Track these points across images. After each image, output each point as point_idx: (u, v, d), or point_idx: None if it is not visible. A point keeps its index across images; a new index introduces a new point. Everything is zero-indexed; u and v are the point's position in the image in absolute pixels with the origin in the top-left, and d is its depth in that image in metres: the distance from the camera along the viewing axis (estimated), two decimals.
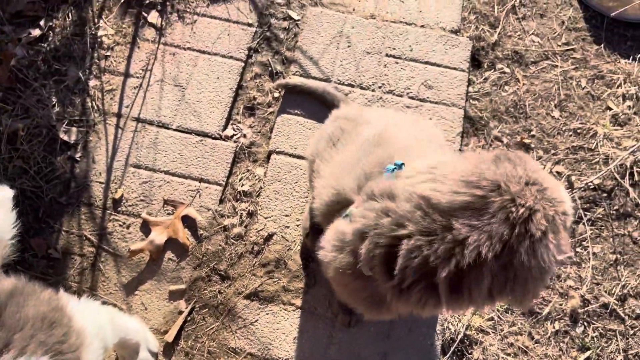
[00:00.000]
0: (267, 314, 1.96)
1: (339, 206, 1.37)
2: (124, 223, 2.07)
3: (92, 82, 2.28)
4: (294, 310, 1.97)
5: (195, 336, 1.93)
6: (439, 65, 2.43)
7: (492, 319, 2.04)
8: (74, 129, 2.18)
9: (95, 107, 2.23)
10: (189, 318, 1.95)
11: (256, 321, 1.95)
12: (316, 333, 1.94)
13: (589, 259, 2.16)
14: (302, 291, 2.00)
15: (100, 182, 2.12)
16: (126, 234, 2.05)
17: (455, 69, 2.43)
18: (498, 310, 2.06)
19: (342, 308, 1.92)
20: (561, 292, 2.11)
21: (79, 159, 2.15)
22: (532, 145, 2.36)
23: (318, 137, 1.68)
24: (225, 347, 1.92)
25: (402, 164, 1.18)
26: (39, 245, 1.99)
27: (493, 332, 2.02)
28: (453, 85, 2.40)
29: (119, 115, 2.23)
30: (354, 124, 1.57)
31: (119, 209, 2.09)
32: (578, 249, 2.18)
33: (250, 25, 2.46)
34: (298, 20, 2.50)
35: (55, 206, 2.07)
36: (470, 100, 2.42)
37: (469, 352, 1.98)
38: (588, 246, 2.17)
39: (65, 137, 2.15)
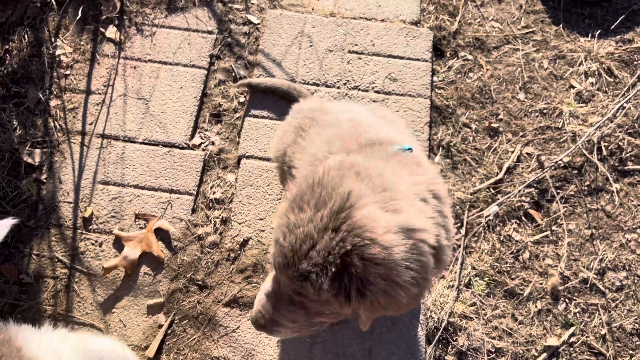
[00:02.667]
0: (249, 319, 1.94)
1: None
2: (96, 241, 2.03)
3: (53, 102, 2.24)
4: None
5: (177, 349, 1.89)
6: (401, 58, 2.44)
7: (474, 304, 2.04)
8: (38, 151, 2.14)
9: (58, 127, 2.20)
10: (169, 331, 1.92)
11: (238, 328, 1.93)
12: (298, 336, 1.92)
13: (565, 236, 2.17)
14: None
15: (69, 202, 2.08)
16: (99, 252, 2.02)
17: (418, 60, 2.44)
18: (480, 295, 2.06)
19: None
20: (540, 271, 2.12)
21: (45, 180, 2.11)
22: (501, 129, 2.38)
23: (283, 132, 1.68)
24: (209, 357, 1.89)
25: (410, 148, 1.20)
26: (9, 271, 1.95)
27: (476, 317, 2.02)
28: (417, 76, 2.41)
29: (83, 133, 2.20)
30: (322, 112, 1.58)
31: (90, 227, 2.05)
32: (553, 227, 2.19)
33: (210, 32, 2.45)
34: (258, 24, 2.50)
35: (24, 230, 2.03)
36: (436, 90, 2.43)
37: (454, 338, 1.98)
38: (562, 223, 2.19)
39: (29, 160, 2.12)
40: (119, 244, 2.03)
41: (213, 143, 2.24)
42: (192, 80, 2.33)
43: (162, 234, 2.05)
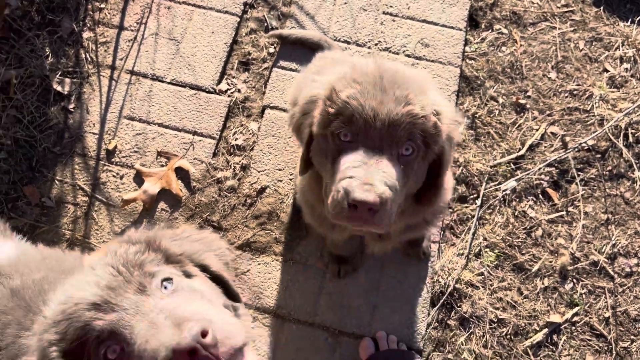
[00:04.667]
0: (259, 264, 1.98)
1: None
2: (118, 174, 2.07)
3: (86, 34, 2.26)
4: (285, 261, 1.99)
5: None
6: (436, 24, 2.41)
7: (482, 274, 2.06)
8: (68, 80, 2.17)
9: (89, 59, 2.22)
10: None
11: (248, 271, 1.97)
12: (307, 283, 1.96)
13: (580, 218, 2.17)
14: (294, 243, 2.02)
15: (94, 133, 2.12)
16: (119, 184, 2.06)
17: (452, 27, 2.41)
18: (488, 266, 2.08)
19: (332, 258, 1.94)
20: (551, 250, 2.12)
21: (72, 109, 2.14)
22: (528, 106, 2.36)
23: (302, 77, 1.69)
24: None
25: None
26: (32, 193, 2.00)
27: (482, 287, 2.04)
28: (450, 44, 2.38)
29: (112, 68, 2.22)
30: (343, 63, 1.58)
31: (113, 160, 2.09)
32: (570, 208, 2.19)
33: None
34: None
35: (49, 156, 2.07)
36: (467, 60, 2.41)
37: (458, 304, 2.00)
38: (579, 205, 2.18)
39: (59, 88, 2.15)
40: (139, 178, 2.07)
41: (239, 90, 2.25)
42: (224, 26, 2.33)
43: (182, 174, 2.08)
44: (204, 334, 0.80)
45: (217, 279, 1.06)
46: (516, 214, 2.17)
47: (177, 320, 0.82)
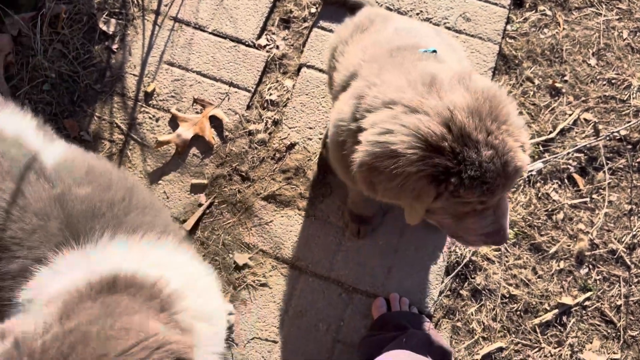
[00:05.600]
0: (282, 216, 2.04)
1: None
2: (154, 116, 2.14)
3: None
4: (307, 217, 2.04)
5: (212, 228, 2.01)
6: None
7: (499, 250, 2.09)
8: (113, 21, 2.22)
9: (135, 2, 2.26)
10: (207, 211, 2.03)
11: (271, 222, 2.03)
12: (326, 240, 2.02)
13: (604, 206, 2.17)
14: (318, 200, 2.07)
15: (134, 75, 2.18)
16: (155, 126, 2.12)
17: (496, 4, 2.39)
18: (506, 243, 2.10)
19: (352, 218, 1.99)
20: (571, 234, 2.14)
21: (115, 50, 2.20)
22: (564, 90, 2.34)
23: (343, 26, 1.70)
24: (240, 241, 2.00)
25: (435, 50, 1.21)
26: (71, 126, 2.07)
27: (498, 262, 2.07)
28: (491, 21, 2.37)
29: (157, 13, 2.26)
30: (382, 19, 1.60)
31: (150, 102, 2.15)
32: (594, 195, 2.19)
33: None
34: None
35: (90, 92, 2.14)
36: (507, 38, 2.39)
37: (472, 276, 2.04)
38: (604, 194, 2.18)
39: (105, 28, 2.20)
40: (174, 123, 2.12)
41: (277, 47, 2.28)
42: None
43: (215, 122, 2.13)
44: None
45: None
46: (539, 195, 2.19)
47: None
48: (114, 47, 2.20)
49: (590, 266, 2.10)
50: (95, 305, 0.96)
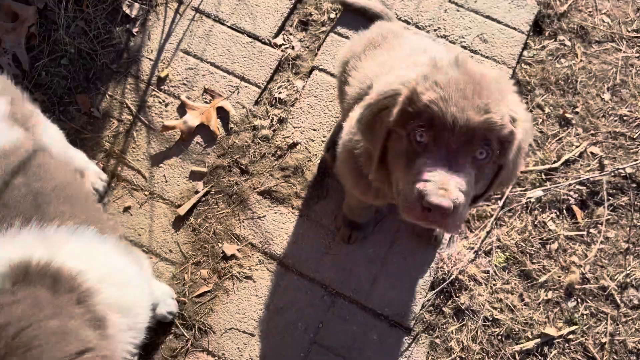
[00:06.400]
0: (276, 213, 2.06)
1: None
2: (164, 101, 2.18)
3: None
4: (300, 216, 2.06)
5: (205, 216, 2.05)
6: (499, 22, 2.40)
7: (487, 272, 2.08)
8: (137, 5, 2.29)
9: None
10: (203, 199, 2.07)
11: (264, 217, 2.05)
12: (316, 241, 2.03)
13: (600, 241, 2.15)
14: (313, 201, 2.09)
15: (150, 59, 2.23)
16: (163, 111, 2.17)
17: (514, 29, 2.40)
18: (496, 266, 2.09)
19: (345, 222, 2.00)
20: (563, 265, 2.12)
21: (135, 33, 2.26)
22: (573, 122, 2.33)
23: (355, 40, 1.73)
24: (230, 232, 2.03)
25: None
26: (83, 101, 2.13)
27: (485, 284, 2.06)
28: (508, 45, 2.37)
29: (180, 2, 2.32)
30: (396, 36, 1.62)
31: (162, 87, 2.20)
32: (591, 230, 2.17)
33: None
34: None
35: (106, 71, 2.20)
36: (522, 64, 2.39)
37: (457, 295, 2.03)
38: (602, 229, 2.16)
39: (128, 11, 2.26)
40: (182, 110, 2.17)
41: (293, 48, 2.31)
42: None
43: (222, 114, 2.17)
44: None
45: None
46: (536, 223, 2.17)
47: None
48: (135, 30, 2.26)
49: (579, 300, 2.08)
50: (20, 301, 0.98)
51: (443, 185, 1.10)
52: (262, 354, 1.90)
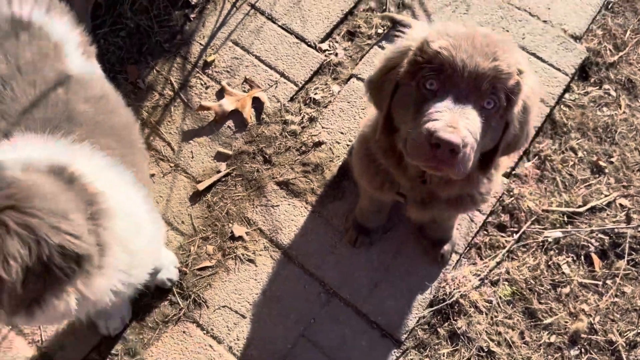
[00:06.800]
0: (289, 204, 2.10)
1: None
2: (205, 84, 2.30)
3: None
4: (313, 212, 2.09)
5: (222, 195, 2.11)
6: (544, 61, 2.41)
7: (490, 302, 2.04)
8: None
9: None
10: (223, 179, 2.14)
11: (277, 206, 2.10)
12: (323, 238, 2.05)
13: (615, 294, 2.07)
14: (327, 200, 2.12)
15: (200, 44, 2.36)
16: (203, 92, 2.28)
17: (559, 70, 2.39)
18: (500, 297, 2.04)
19: (354, 225, 2.02)
20: (572, 312, 2.04)
21: (192, 19, 2.40)
22: (606, 171, 2.28)
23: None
24: (243, 214, 2.08)
25: None
26: (132, 72, 2.27)
27: (486, 314, 2.02)
28: (550, 84, 2.37)
29: None
30: None
31: (206, 71, 2.32)
32: (607, 281, 2.10)
33: None
34: None
35: (158, 48, 2.34)
36: (562, 105, 2.37)
37: (455, 318, 1.99)
38: (619, 282, 2.08)
39: None
40: (221, 94, 2.27)
41: (336, 54, 2.39)
42: None
43: (257, 104, 2.26)
44: None
45: None
46: (550, 263, 2.12)
47: None
48: (192, 16, 2.40)
49: (583, 350, 2.00)
50: (45, 181, 1.07)
51: (452, 124, 1.14)
52: (250, 337, 1.92)
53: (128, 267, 1.33)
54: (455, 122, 1.15)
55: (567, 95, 2.40)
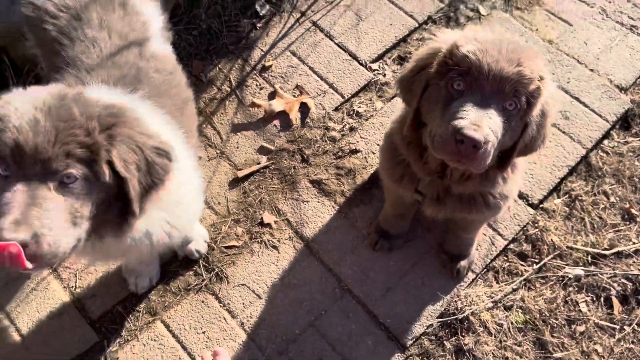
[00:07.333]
0: (318, 202, 2.22)
1: None
2: (260, 85, 2.50)
3: None
4: (339, 212, 2.20)
5: (258, 185, 2.27)
6: (586, 106, 2.47)
7: (501, 325, 2.05)
8: (267, 7, 2.68)
9: (292, 1, 2.71)
10: (261, 171, 2.30)
11: (307, 202, 2.22)
12: (346, 238, 2.15)
13: (631, 340, 2.04)
14: (355, 203, 2.23)
15: (262, 50, 2.58)
16: (256, 92, 2.48)
17: (600, 115, 2.44)
18: (512, 323, 2.05)
19: (377, 229, 2.11)
20: (584, 350, 2.02)
21: (258, 27, 2.64)
22: (638, 219, 2.28)
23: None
24: (274, 204, 2.22)
25: None
26: (197, 66, 2.51)
27: (495, 336, 2.03)
28: (589, 128, 2.42)
29: (302, 14, 2.68)
30: None
31: (263, 74, 2.52)
32: (625, 326, 2.07)
33: (441, 1, 2.75)
34: (484, 15, 2.73)
35: (223, 49, 2.58)
36: (599, 151, 2.41)
37: (462, 334, 2.01)
38: (637, 329, 2.05)
39: (258, 9, 2.66)
40: (272, 97, 2.46)
41: (384, 75, 2.55)
42: (402, 25, 2.66)
43: (303, 109, 2.43)
44: (27, 244, 1.08)
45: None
46: (567, 299, 2.12)
47: (23, 220, 1.08)
48: (258, 25, 2.64)
49: None
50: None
51: (476, 122, 1.26)
52: (262, 317, 2.01)
53: (175, 211, 1.51)
54: (479, 121, 1.27)
55: (605, 142, 2.44)
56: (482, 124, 1.27)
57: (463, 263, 2.06)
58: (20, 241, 1.08)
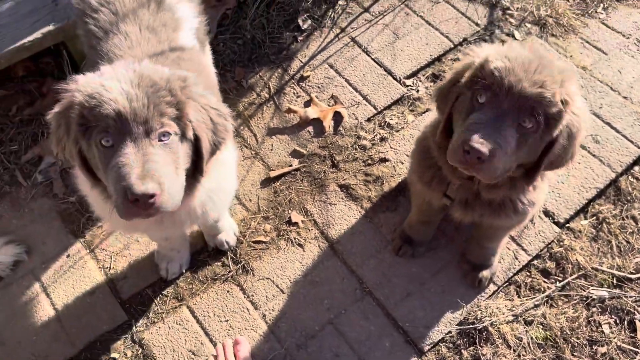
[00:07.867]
0: (345, 205, 2.29)
1: None
2: (297, 93, 2.61)
3: (341, 1, 2.90)
4: (365, 217, 2.27)
5: (288, 185, 2.35)
6: (617, 131, 2.48)
7: (520, 339, 2.04)
8: (309, 21, 2.82)
9: (332, 17, 2.84)
10: (293, 172, 2.39)
11: (334, 205, 2.29)
12: (370, 242, 2.21)
13: None
14: (380, 209, 2.28)
15: (301, 61, 2.70)
16: (293, 99, 2.59)
17: (631, 141, 2.45)
18: (531, 338, 2.05)
19: (401, 235, 2.15)
20: None
21: (299, 40, 2.77)
22: None
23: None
24: (302, 205, 2.30)
25: None
26: (239, 73, 2.65)
27: (514, 350, 2.02)
28: (619, 152, 2.43)
29: (342, 30, 2.81)
30: None
31: (301, 83, 2.64)
32: None
33: (477, 24, 2.84)
34: (519, 40, 2.80)
35: (265, 58, 2.72)
36: (629, 176, 2.41)
37: (481, 344, 2.02)
38: None
39: (300, 23, 2.80)
40: (307, 105, 2.57)
41: (417, 91, 2.63)
42: (438, 45, 2.75)
43: (337, 117, 2.53)
44: (152, 195, 1.20)
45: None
46: (590, 320, 2.10)
47: (146, 174, 1.21)
48: (300, 38, 2.77)
49: None
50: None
51: (484, 137, 1.32)
52: (283, 311, 2.07)
53: (215, 187, 1.61)
54: (487, 135, 1.34)
55: (636, 168, 2.44)
56: (489, 138, 1.34)
57: (485, 273, 2.08)
58: (151, 192, 1.20)
